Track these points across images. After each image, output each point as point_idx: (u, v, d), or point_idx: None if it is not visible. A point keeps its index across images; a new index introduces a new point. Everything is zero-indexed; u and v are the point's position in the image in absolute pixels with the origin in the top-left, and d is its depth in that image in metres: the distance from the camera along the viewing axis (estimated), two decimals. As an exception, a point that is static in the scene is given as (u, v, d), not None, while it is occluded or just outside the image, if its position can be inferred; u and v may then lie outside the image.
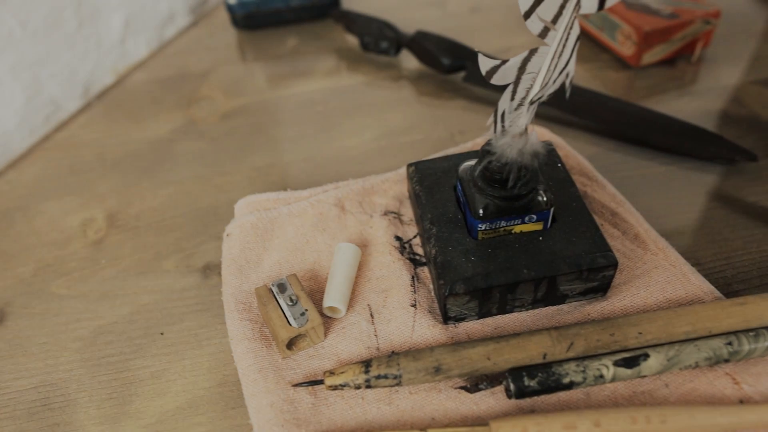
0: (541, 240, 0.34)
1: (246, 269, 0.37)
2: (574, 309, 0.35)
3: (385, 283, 0.36)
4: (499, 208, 0.33)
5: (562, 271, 0.32)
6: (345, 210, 0.40)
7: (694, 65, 0.53)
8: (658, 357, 0.31)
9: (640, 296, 0.34)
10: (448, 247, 0.34)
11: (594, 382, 0.31)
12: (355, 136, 0.49)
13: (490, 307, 0.34)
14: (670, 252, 0.36)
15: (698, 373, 0.31)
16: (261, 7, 0.58)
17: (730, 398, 0.31)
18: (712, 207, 0.41)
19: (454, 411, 0.31)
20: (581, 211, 0.35)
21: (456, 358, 0.31)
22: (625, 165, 0.45)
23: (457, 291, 0.32)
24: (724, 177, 0.43)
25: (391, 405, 0.31)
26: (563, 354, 0.31)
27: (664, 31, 0.50)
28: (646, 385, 0.31)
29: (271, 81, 0.56)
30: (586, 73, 0.54)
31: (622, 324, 0.32)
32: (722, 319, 0.32)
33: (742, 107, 0.49)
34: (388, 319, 0.35)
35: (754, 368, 0.31)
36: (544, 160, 0.37)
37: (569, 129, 0.48)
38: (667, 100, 0.50)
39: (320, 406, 0.31)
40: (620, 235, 0.38)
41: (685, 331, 0.32)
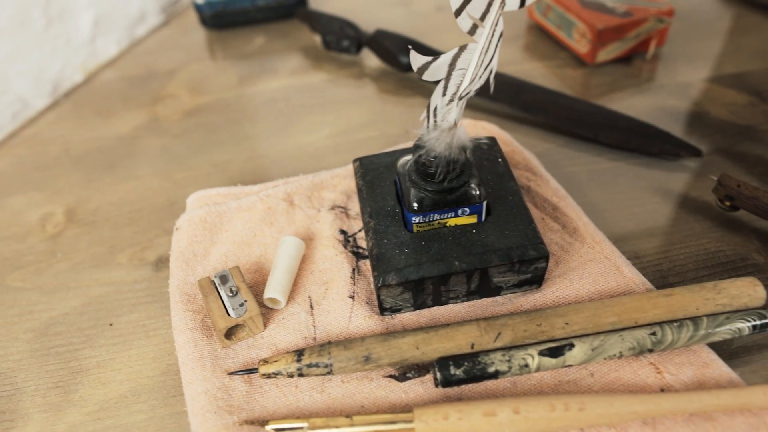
0: (475, 233, 0.34)
1: (193, 262, 0.38)
2: (509, 301, 0.35)
3: (327, 275, 0.37)
4: (432, 202, 0.34)
5: (493, 263, 0.33)
6: (294, 204, 0.41)
7: (650, 63, 0.54)
8: (582, 347, 0.31)
9: (573, 288, 0.35)
10: (383, 239, 0.35)
11: (519, 371, 0.31)
12: (312, 133, 0.50)
13: (425, 298, 0.35)
14: (606, 245, 0.37)
15: (623, 363, 0.32)
16: (228, 6, 0.59)
17: (652, 387, 0.31)
18: (655, 201, 0.42)
19: (384, 399, 0.32)
20: (517, 205, 0.36)
21: (386, 347, 0.32)
22: (574, 161, 0.45)
23: (389, 282, 0.33)
24: (670, 172, 0.44)
25: (323, 393, 0.32)
26: (491, 344, 0.32)
27: (618, 29, 0.50)
28: (572, 374, 0.32)
29: (236, 79, 0.56)
30: (545, 71, 0.54)
31: (549, 315, 0.32)
32: (648, 310, 0.33)
33: (694, 104, 0.49)
34: (327, 311, 0.35)
35: (677, 358, 0.32)
36: (473, 153, 0.39)
37: (522, 126, 0.48)
38: (623, 97, 0.51)
39: (254, 394, 0.32)
40: (560, 228, 0.39)
41: (612, 322, 0.32)
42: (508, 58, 0.56)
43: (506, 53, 0.57)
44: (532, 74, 0.54)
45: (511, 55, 0.57)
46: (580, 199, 0.42)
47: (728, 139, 0.46)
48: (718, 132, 0.47)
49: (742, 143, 0.46)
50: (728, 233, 0.40)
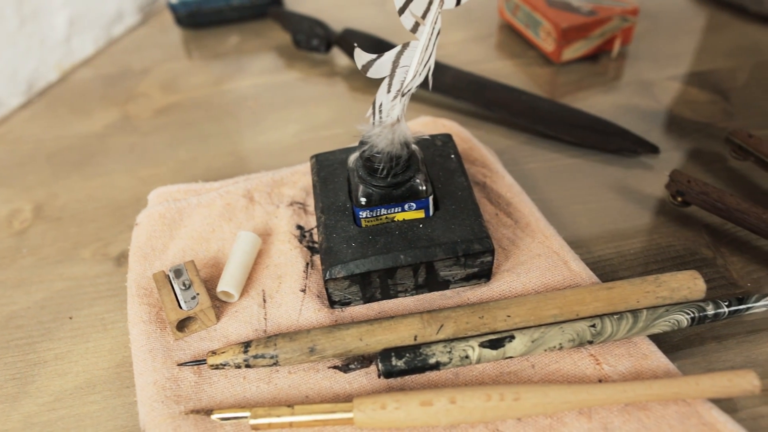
0: (422, 227, 0.35)
1: (151, 256, 0.39)
2: (457, 295, 0.36)
3: (282, 269, 0.38)
4: (379, 197, 0.34)
5: (438, 257, 0.34)
6: (253, 201, 0.42)
7: (616, 61, 0.54)
8: (523, 339, 0.32)
9: (520, 282, 0.36)
10: (333, 234, 0.35)
11: (460, 362, 0.32)
12: (279, 130, 0.51)
13: (374, 292, 0.35)
14: (555, 240, 0.37)
15: (564, 355, 0.33)
16: (203, 6, 0.60)
17: (590, 377, 0.32)
18: (611, 197, 0.43)
19: (328, 389, 0.32)
20: (466, 200, 0.36)
21: (330, 339, 0.33)
22: (534, 157, 0.46)
23: (335, 275, 0.34)
24: (628, 169, 0.45)
25: (270, 384, 0.33)
26: (433, 336, 0.33)
27: (582, 27, 0.51)
28: (514, 365, 0.33)
29: (209, 78, 0.57)
30: (514, 69, 0.55)
31: (491, 307, 0.33)
32: (589, 302, 0.33)
33: (657, 102, 0.50)
34: (279, 304, 0.36)
35: (617, 350, 0.33)
36: (427, 149, 0.39)
37: (486, 123, 0.49)
38: (588, 95, 0.51)
39: (203, 385, 0.33)
40: (513, 224, 0.39)
41: (553, 314, 0.33)
42: (479, 56, 0.57)
43: (477, 51, 0.57)
44: (501, 72, 0.54)
45: (481, 53, 0.57)
46: (538, 195, 0.43)
47: (688, 136, 0.47)
48: (678, 129, 0.47)
49: (701, 140, 0.46)
50: (680, 228, 0.40)
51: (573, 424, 0.30)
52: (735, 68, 0.52)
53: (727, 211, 0.38)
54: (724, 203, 0.38)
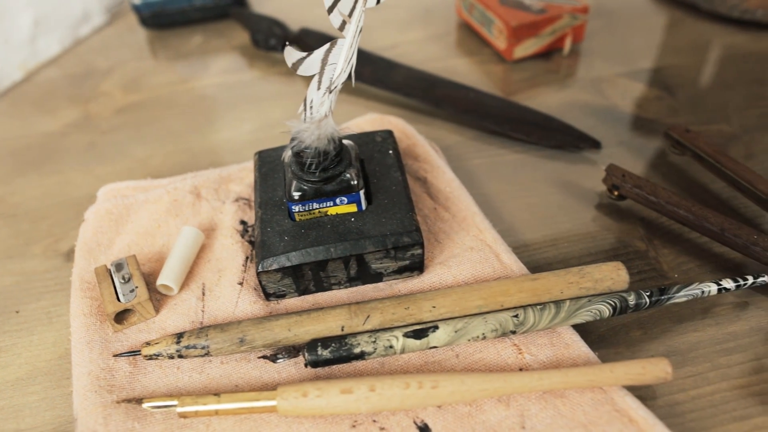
0: (353, 221, 0.36)
1: (96, 251, 0.40)
2: (389, 287, 0.37)
3: (222, 263, 0.39)
4: (310, 191, 0.35)
5: (368, 250, 0.35)
6: (200, 197, 0.43)
7: (569, 58, 0.55)
8: (446, 329, 0.33)
9: (451, 274, 0.36)
10: (267, 228, 0.36)
11: (385, 352, 0.33)
12: (234, 128, 0.51)
13: (307, 284, 0.36)
14: (489, 233, 0.38)
15: (487, 344, 0.33)
16: (166, 6, 0.61)
17: (512, 366, 0.33)
18: (552, 192, 0.43)
19: (257, 379, 0.33)
20: (399, 195, 0.37)
21: (259, 329, 0.33)
22: (480, 153, 0.47)
23: (267, 268, 0.34)
24: (571, 164, 0.45)
25: (202, 374, 0.34)
26: (360, 327, 0.33)
27: (532, 25, 0.52)
28: (439, 355, 0.33)
29: (170, 77, 0.58)
30: (470, 67, 0.56)
31: (417, 299, 0.34)
32: (513, 293, 0.34)
33: (605, 99, 0.51)
34: (218, 296, 0.37)
35: (540, 339, 0.33)
36: (366, 145, 0.40)
37: (435, 119, 0.50)
38: (540, 92, 0.52)
39: (137, 375, 0.34)
40: (450, 218, 0.40)
41: (478, 305, 0.34)
42: (437, 54, 0.58)
43: (435, 49, 0.58)
44: (458, 70, 0.55)
45: (439, 51, 0.58)
46: (480, 190, 0.44)
47: (632, 132, 0.47)
48: (623, 125, 0.48)
49: (644, 136, 0.47)
50: (616, 221, 0.41)
51: (491, 411, 0.31)
52: (684, 65, 0.53)
53: (658, 204, 0.39)
54: (656, 196, 0.39)
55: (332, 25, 0.34)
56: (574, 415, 0.30)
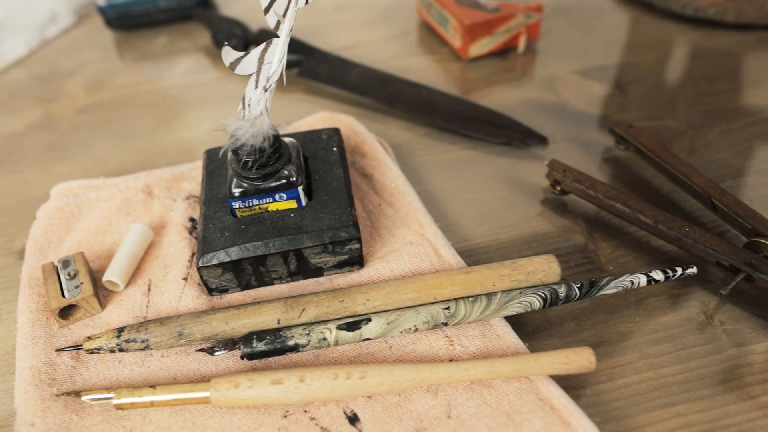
0: (293, 216, 0.36)
1: (46, 249, 0.40)
2: (330, 281, 0.37)
3: (169, 259, 0.39)
4: (249, 188, 0.36)
5: (305, 245, 0.35)
6: (152, 195, 0.43)
7: (524, 56, 0.56)
8: (379, 321, 0.34)
9: (389, 268, 0.37)
10: (209, 224, 0.37)
11: (319, 344, 0.33)
12: (193, 128, 0.52)
13: (248, 279, 0.37)
14: (430, 228, 0.39)
15: (420, 336, 0.34)
16: (131, 8, 0.62)
17: (442, 357, 0.33)
18: (498, 187, 0.44)
19: (196, 371, 0.34)
20: (339, 191, 0.38)
21: (198, 323, 0.34)
22: (430, 149, 0.47)
23: (206, 263, 0.35)
24: (518, 160, 0.46)
25: (143, 367, 0.34)
26: (296, 320, 0.34)
27: (486, 24, 0.52)
28: (373, 347, 0.34)
29: (134, 78, 0.59)
30: (428, 65, 0.56)
31: (352, 292, 0.35)
32: (446, 286, 0.35)
33: (557, 96, 0.51)
34: (163, 292, 0.38)
35: (473, 331, 0.34)
36: (311, 143, 0.41)
37: (388, 117, 0.51)
38: (496, 89, 0.53)
39: (79, 369, 0.34)
40: (393, 213, 0.41)
41: (411, 298, 0.34)
42: (396, 53, 0.58)
43: (395, 48, 0.59)
44: (416, 68, 0.56)
45: (399, 50, 0.59)
46: (428, 186, 0.44)
47: (581, 128, 0.48)
48: (573, 121, 0.49)
49: (593, 132, 0.48)
50: (558, 216, 0.42)
51: (420, 401, 0.32)
52: (636, 63, 0.54)
53: (597, 198, 0.40)
54: (594, 190, 0.40)
55: (269, 25, 0.34)
56: (499, 404, 0.31)
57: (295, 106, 0.53)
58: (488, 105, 0.51)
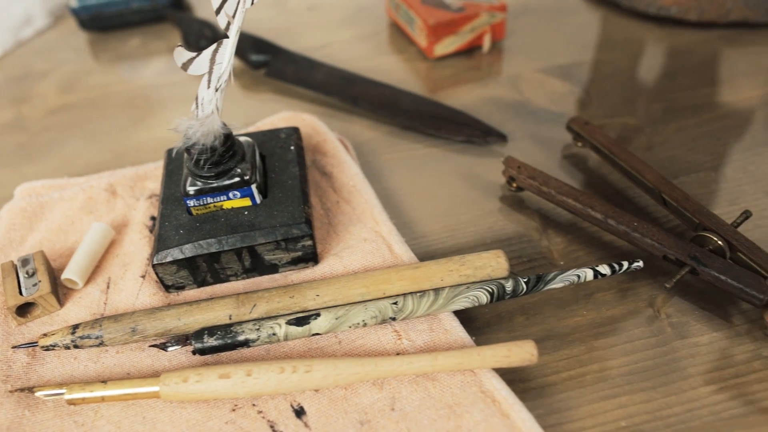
0: (247, 214, 0.37)
1: (7, 248, 0.41)
2: (284, 278, 0.38)
3: (129, 257, 0.40)
4: (204, 186, 0.36)
5: (257, 242, 0.36)
6: (116, 194, 0.44)
7: (490, 55, 0.56)
8: (327, 316, 0.34)
9: (343, 264, 0.38)
10: (166, 222, 0.37)
11: (269, 339, 0.34)
12: (161, 128, 0.53)
13: (204, 276, 0.37)
14: (385, 225, 0.40)
15: (369, 330, 0.35)
16: (104, 9, 0.62)
17: (390, 351, 0.34)
18: (458, 185, 0.45)
19: (149, 367, 0.35)
20: (294, 189, 0.38)
21: (151, 319, 0.35)
22: (393, 148, 0.48)
23: (161, 261, 0.36)
24: (478, 157, 0.47)
25: (98, 363, 0.35)
26: (247, 315, 0.35)
27: (450, 23, 0.53)
28: (323, 342, 0.35)
29: (107, 79, 0.59)
30: (397, 65, 0.57)
31: (302, 287, 0.35)
32: (395, 281, 0.35)
33: (519, 94, 0.52)
34: (121, 289, 0.38)
35: (420, 326, 0.35)
36: (270, 141, 0.41)
37: (353, 116, 0.51)
38: (461, 88, 0.53)
39: (35, 366, 0.35)
40: (351, 210, 0.41)
41: (360, 293, 0.35)
42: (365, 52, 0.59)
43: (364, 48, 0.59)
44: (384, 68, 0.57)
45: (368, 50, 0.59)
46: (388, 183, 0.45)
47: (542, 126, 0.49)
48: (534, 119, 0.49)
49: (552, 129, 0.48)
50: (515, 212, 0.42)
51: (365, 394, 0.32)
52: (600, 61, 0.55)
53: (549, 194, 0.40)
54: (547, 187, 0.40)
55: (220, 26, 0.35)
56: (442, 397, 0.32)
57: (263, 105, 0.54)
58: (453, 103, 0.51)
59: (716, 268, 0.35)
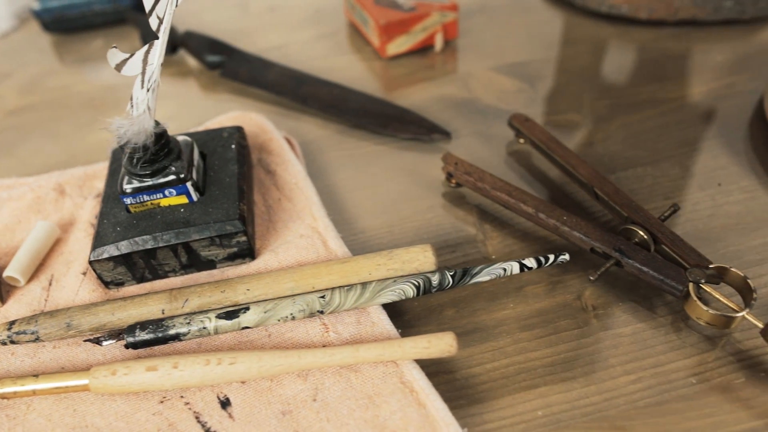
0: (183, 211, 0.38)
1: (-46, 246, 0.42)
2: (222, 273, 0.39)
3: (73, 255, 0.41)
4: (140, 184, 0.37)
5: (192, 238, 0.37)
6: (64, 193, 0.45)
7: (444, 54, 0.57)
8: (256, 310, 0.35)
9: (278, 260, 0.39)
10: (104, 220, 0.38)
11: (199, 333, 0.35)
12: (116, 128, 0.53)
13: (142, 272, 0.38)
14: (322, 222, 0.40)
15: (298, 324, 0.36)
16: (65, 12, 0.63)
17: (317, 344, 0.35)
18: (401, 182, 0.45)
19: (84, 361, 0.35)
20: (231, 186, 0.39)
21: (85, 314, 0.35)
22: (341, 146, 0.49)
23: (97, 257, 0.37)
24: (424, 154, 0.47)
25: (34, 358, 0.36)
26: (180, 310, 0.36)
27: (401, 23, 0.54)
28: (253, 335, 0.36)
29: (67, 81, 0.60)
30: (352, 64, 0.58)
31: (233, 282, 0.36)
32: (324, 276, 0.36)
33: (469, 92, 0.53)
34: (63, 287, 0.39)
35: (348, 318, 0.36)
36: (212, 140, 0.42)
37: (304, 115, 0.52)
38: (414, 87, 0.54)
39: (-29, 361, 0.36)
40: (291, 207, 0.42)
41: (290, 287, 0.36)
42: (322, 52, 0.60)
43: (321, 48, 0.60)
44: (340, 67, 0.57)
45: (325, 50, 0.60)
46: (332, 181, 0.46)
47: (488, 123, 0.49)
48: (481, 116, 0.50)
49: (498, 126, 0.49)
50: (455, 208, 0.43)
51: (290, 385, 0.33)
52: (550, 59, 0.55)
53: (485, 190, 0.41)
54: (483, 182, 0.41)
55: (152, 28, 0.36)
56: (363, 388, 0.32)
57: (220, 105, 0.55)
58: (405, 101, 0.52)
59: (639, 260, 0.36)
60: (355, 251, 0.40)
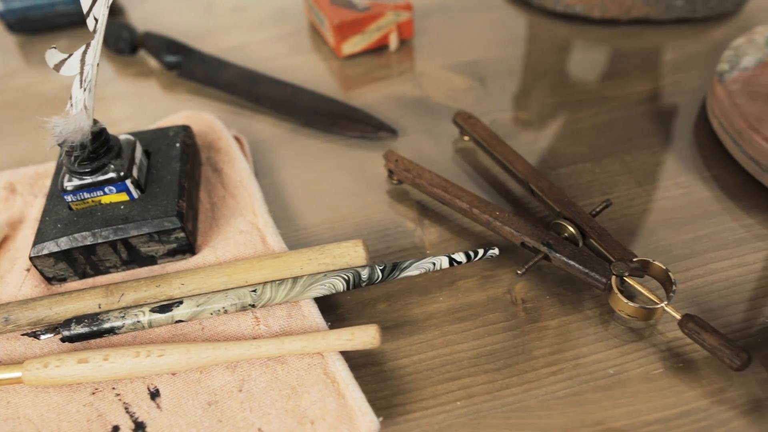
0: (123, 208, 0.39)
1: None
2: (162, 269, 0.40)
3: (19, 252, 0.42)
4: (80, 182, 0.38)
5: (130, 234, 0.38)
6: (15, 192, 0.46)
7: (399, 54, 0.58)
8: (189, 303, 0.36)
9: (216, 255, 0.39)
10: (47, 217, 0.39)
11: (134, 326, 0.36)
12: (74, 127, 0.54)
13: (84, 268, 0.39)
14: (262, 218, 0.41)
15: (231, 317, 0.36)
16: (29, 12, 0.64)
17: (248, 336, 0.36)
18: (345, 179, 0.46)
19: (22, 355, 0.36)
20: (171, 184, 0.40)
21: (23, 309, 0.36)
22: (292, 144, 0.50)
23: (37, 254, 0.37)
24: (371, 151, 0.48)
25: (-26, 352, 0.37)
26: (116, 304, 0.36)
27: (355, 22, 0.55)
28: (187, 328, 0.36)
29: (28, 81, 0.61)
30: (310, 64, 0.58)
31: (168, 277, 0.37)
32: (256, 270, 0.37)
33: (421, 90, 0.53)
34: (7, 283, 0.40)
35: (280, 312, 0.36)
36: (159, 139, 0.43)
37: (257, 114, 0.53)
38: (369, 86, 0.55)
39: None
40: (234, 204, 0.43)
41: (223, 282, 0.37)
42: (281, 52, 0.60)
43: (281, 48, 0.61)
44: (298, 66, 0.58)
45: (284, 49, 0.61)
46: (278, 178, 0.47)
47: (436, 121, 0.50)
48: (430, 114, 0.51)
49: (446, 124, 0.50)
50: (396, 204, 0.44)
51: (218, 377, 0.34)
52: (503, 58, 0.56)
53: (423, 186, 0.42)
54: (420, 179, 0.42)
55: (89, 28, 0.36)
56: (288, 379, 0.33)
57: (178, 105, 0.55)
58: (359, 100, 0.53)
59: (566, 254, 0.37)
60: (295, 247, 0.41)
